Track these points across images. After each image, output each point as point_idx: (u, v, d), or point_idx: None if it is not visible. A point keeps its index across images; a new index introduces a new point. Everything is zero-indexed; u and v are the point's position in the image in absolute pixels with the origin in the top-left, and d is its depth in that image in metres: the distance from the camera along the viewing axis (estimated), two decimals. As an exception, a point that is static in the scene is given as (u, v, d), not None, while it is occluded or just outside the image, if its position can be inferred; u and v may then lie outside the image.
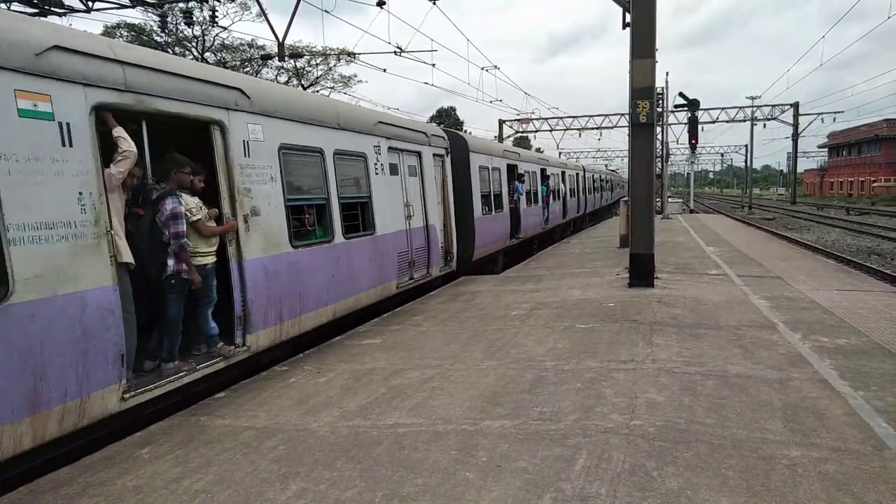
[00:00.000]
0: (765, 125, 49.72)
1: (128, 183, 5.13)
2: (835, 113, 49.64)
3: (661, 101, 29.02)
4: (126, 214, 5.13)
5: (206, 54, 35.55)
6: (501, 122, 48.02)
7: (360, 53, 20.94)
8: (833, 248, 19.75)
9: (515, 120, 47.96)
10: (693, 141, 28.68)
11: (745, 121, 48.34)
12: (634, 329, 7.44)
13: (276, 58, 18.46)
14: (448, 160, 12.41)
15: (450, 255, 12.26)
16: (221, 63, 33.96)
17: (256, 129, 6.57)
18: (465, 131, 16.32)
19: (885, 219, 33.82)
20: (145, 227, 5.39)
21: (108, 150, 4.85)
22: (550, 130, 50.85)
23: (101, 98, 4.78)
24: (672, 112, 34.91)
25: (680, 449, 4.05)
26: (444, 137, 12.46)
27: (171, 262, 5.39)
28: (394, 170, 9.95)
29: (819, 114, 49.25)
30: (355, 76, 40.88)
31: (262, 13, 17.22)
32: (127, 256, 4.91)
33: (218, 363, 5.93)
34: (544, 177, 21.33)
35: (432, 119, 64.19)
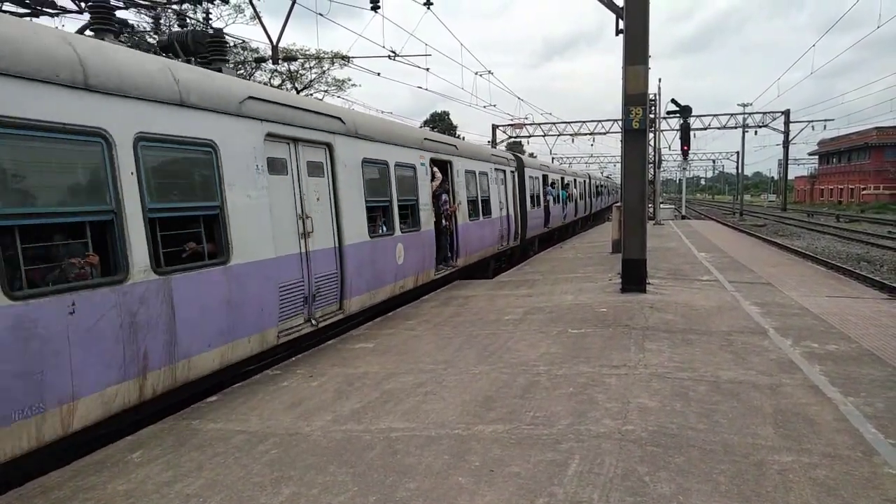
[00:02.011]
0: (756, 132, 50.23)
1: None
2: (825, 121, 50.08)
3: (653, 108, 29.18)
4: None
5: (200, 56, 35.40)
6: (495, 127, 48.10)
7: (354, 57, 20.94)
8: (823, 254, 19.89)
9: (509, 125, 48.09)
10: (685, 147, 28.90)
11: (736, 128, 48.69)
12: (627, 334, 7.46)
13: (270, 61, 18.45)
14: (516, 174, 18.51)
15: (516, 234, 18.03)
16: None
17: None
18: (459, 136, 16.97)
19: (874, 226, 34.12)
20: None
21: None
22: (544, 136, 51.02)
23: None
24: (664, 118, 35.16)
25: (672, 454, 4.07)
26: (514, 160, 18.77)
27: None
28: (497, 180, 16.35)
29: (810, 121, 49.69)
30: (349, 80, 40.89)
31: (256, 15, 17.22)
32: None
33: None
34: (563, 184, 27.21)
35: (426, 123, 64.28)
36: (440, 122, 65.70)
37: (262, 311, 6.48)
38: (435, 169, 11.91)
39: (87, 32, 5.68)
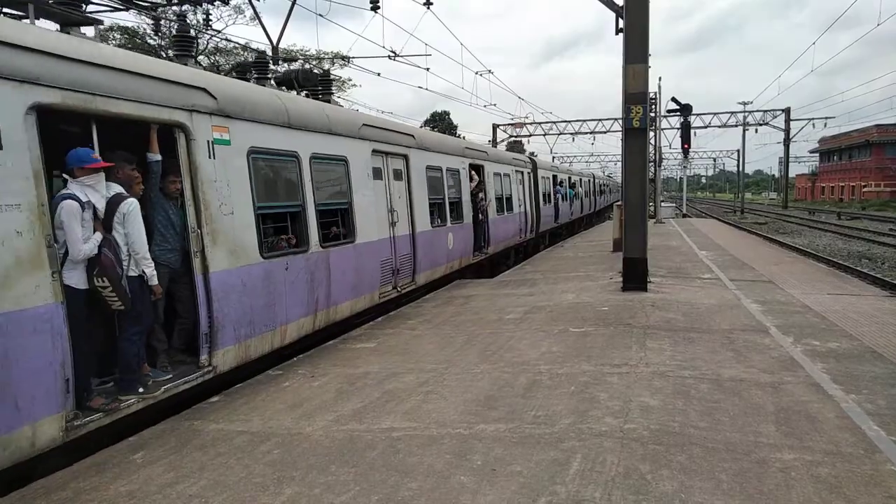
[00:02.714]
0: (756, 130, 50.10)
1: None
2: (826, 118, 50.13)
3: (654, 106, 29.16)
4: None
5: (200, 57, 35.47)
6: (495, 127, 48.08)
7: (354, 57, 20.93)
8: (824, 252, 19.89)
9: (509, 124, 48.07)
10: (686, 146, 28.83)
11: (737, 126, 48.65)
12: (628, 333, 7.46)
13: (270, 61, 18.42)
14: (532, 175, 20.72)
15: (532, 228, 20.29)
16: (215, 66, 33.88)
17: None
18: (460, 136, 17.36)
19: (875, 223, 34.09)
20: None
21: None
22: (544, 135, 51.00)
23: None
24: (665, 117, 35.13)
25: (674, 452, 4.07)
26: (529, 162, 21.06)
27: None
28: (516, 180, 18.60)
29: (810, 119, 49.69)
30: (350, 80, 40.89)
31: (256, 16, 17.22)
32: None
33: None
34: (570, 183, 29.22)
35: (426, 123, 64.22)
36: (440, 121, 65.59)
37: (372, 277, 9.06)
38: (472, 172, 14.19)
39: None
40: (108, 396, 4.85)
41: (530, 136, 51.09)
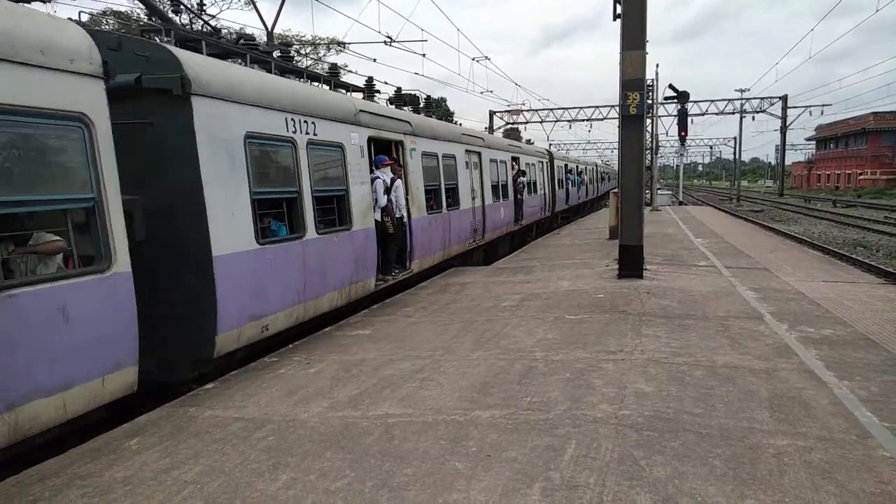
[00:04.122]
0: (753, 118, 49.89)
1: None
2: (822, 106, 50.00)
3: (650, 94, 29.04)
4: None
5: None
6: (492, 114, 47.86)
7: (350, 43, 20.79)
8: (819, 239, 19.92)
9: (506, 111, 47.85)
10: (682, 133, 28.79)
11: (734, 113, 48.47)
12: (623, 320, 7.48)
13: (265, 46, 18.25)
14: (549, 164, 24.72)
15: (549, 208, 24.19)
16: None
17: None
18: (456, 122, 17.43)
19: (870, 211, 34.17)
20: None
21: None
22: (541, 122, 50.79)
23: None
24: (662, 104, 35.00)
25: (668, 438, 4.09)
26: (548, 154, 25.41)
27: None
28: (539, 168, 22.55)
29: (807, 107, 49.50)
30: (346, 66, 40.59)
31: (251, 1, 17.03)
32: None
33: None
34: (578, 171, 33.46)
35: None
36: (437, 108, 65.16)
37: (467, 232, 13.73)
38: (513, 162, 18.52)
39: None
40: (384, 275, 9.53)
41: (527, 123, 50.92)
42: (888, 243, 19.36)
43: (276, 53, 8.84)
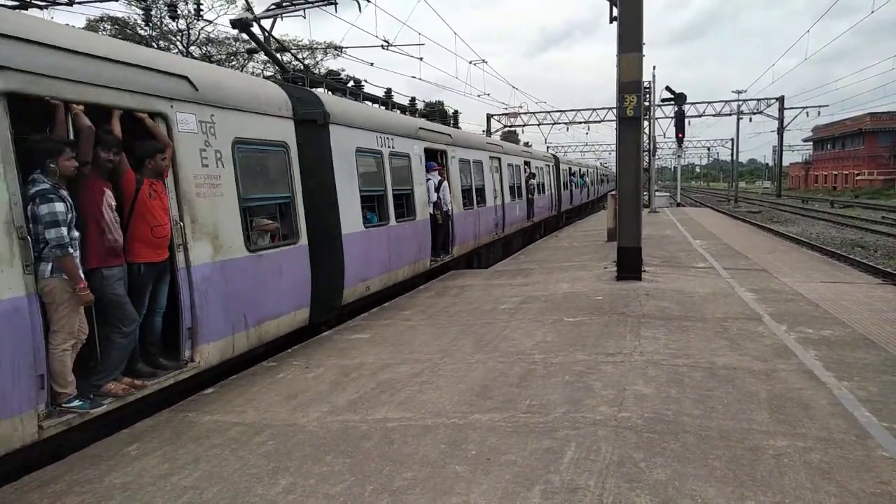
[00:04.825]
0: (751, 119, 49.99)
1: None
2: (819, 107, 50.05)
3: (648, 96, 29.11)
4: None
5: (192, 48, 35.15)
6: (489, 117, 47.95)
7: (347, 47, 20.83)
8: (817, 240, 19.94)
9: (503, 114, 47.92)
10: (680, 135, 28.84)
11: (731, 115, 48.53)
12: (622, 322, 7.48)
13: (262, 52, 18.26)
14: (555, 167, 27.07)
15: (557, 206, 26.84)
16: (207, 57, 33.59)
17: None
18: (460, 126, 18.21)
19: (868, 212, 34.23)
20: None
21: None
22: (538, 125, 50.85)
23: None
24: (659, 106, 35.09)
25: (667, 440, 4.08)
26: (554, 158, 27.76)
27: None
28: (546, 172, 24.81)
29: (804, 108, 49.54)
30: (343, 70, 40.61)
31: (248, 6, 17.04)
32: None
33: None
34: (581, 174, 35.89)
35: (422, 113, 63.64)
36: (454, 117, 65.07)
37: (491, 225, 15.82)
38: (525, 165, 20.78)
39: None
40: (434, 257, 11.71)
41: (524, 125, 50.98)
42: (886, 243, 19.40)
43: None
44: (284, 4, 9.81)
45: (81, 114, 4.47)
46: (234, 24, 9.04)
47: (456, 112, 17.15)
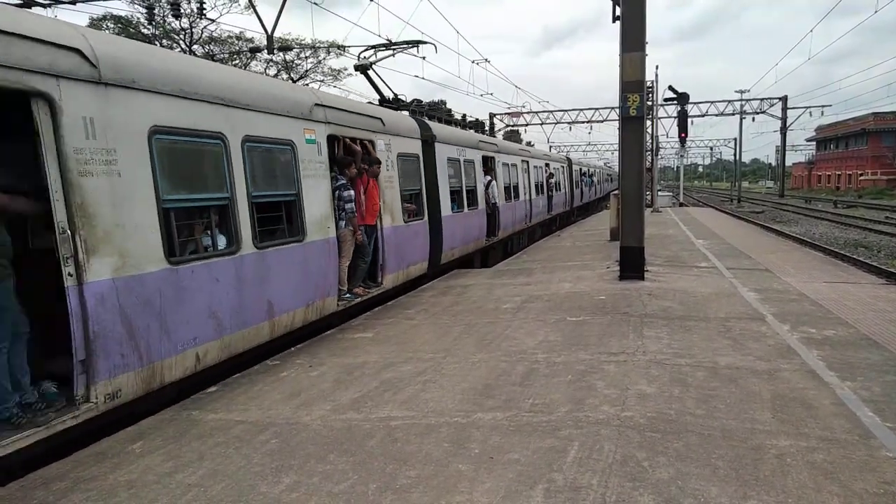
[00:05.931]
0: (753, 119, 50.01)
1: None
2: (822, 107, 50.11)
3: (650, 95, 29.06)
4: None
5: (195, 47, 35.18)
6: (492, 116, 47.95)
7: (349, 46, 20.87)
8: (821, 240, 19.90)
9: (506, 114, 47.92)
10: (682, 134, 28.79)
11: (734, 114, 48.49)
12: (625, 321, 7.48)
13: (265, 50, 18.35)
14: (568, 168, 30.32)
15: (570, 203, 30.10)
16: (209, 56, 33.63)
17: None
18: (467, 127, 19.09)
19: (871, 212, 34.15)
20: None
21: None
22: (541, 124, 50.84)
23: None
24: (662, 105, 35.03)
25: (670, 439, 4.09)
26: (568, 160, 31.18)
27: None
28: (562, 172, 28.18)
29: (807, 107, 49.51)
30: (345, 69, 40.65)
31: (251, 5, 17.08)
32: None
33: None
34: (590, 174, 40.07)
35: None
36: (437, 110, 65.12)
37: (520, 221, 19.14)
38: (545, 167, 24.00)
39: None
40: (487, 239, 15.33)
41: (527, 125, 50.97)
42: (889, 244, 19.35)
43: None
44: (379, 47, 12.91)
45: (350, 143, 8.51)
46: (358, 68, 12.22)
47: (492, 121, 18.50)
